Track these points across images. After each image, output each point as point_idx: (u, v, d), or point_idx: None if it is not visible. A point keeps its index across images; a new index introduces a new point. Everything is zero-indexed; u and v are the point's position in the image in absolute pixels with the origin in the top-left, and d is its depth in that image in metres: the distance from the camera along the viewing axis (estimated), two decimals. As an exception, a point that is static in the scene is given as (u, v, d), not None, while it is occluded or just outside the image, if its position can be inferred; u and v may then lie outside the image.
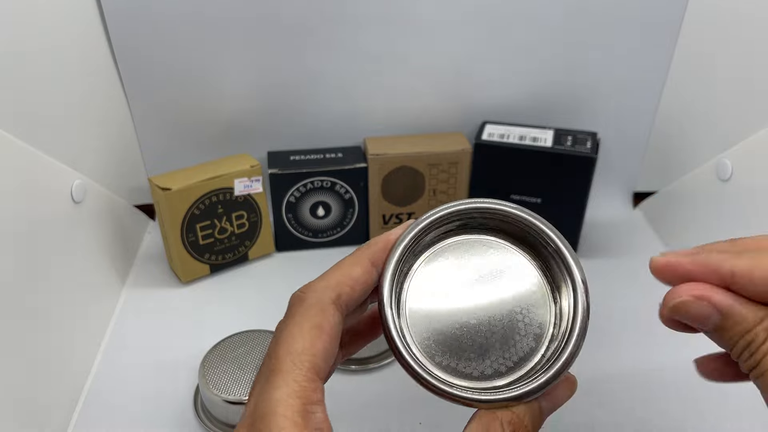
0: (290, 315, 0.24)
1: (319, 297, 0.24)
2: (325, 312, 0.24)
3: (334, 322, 0.24)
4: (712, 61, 0.54)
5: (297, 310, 0.24)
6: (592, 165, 0.52)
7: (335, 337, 0.24)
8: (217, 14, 0.52)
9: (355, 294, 0.25)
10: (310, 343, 0.23)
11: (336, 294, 0.25)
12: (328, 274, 0.26)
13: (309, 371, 0.22)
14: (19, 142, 0.40)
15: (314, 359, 0.23)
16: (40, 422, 0.38)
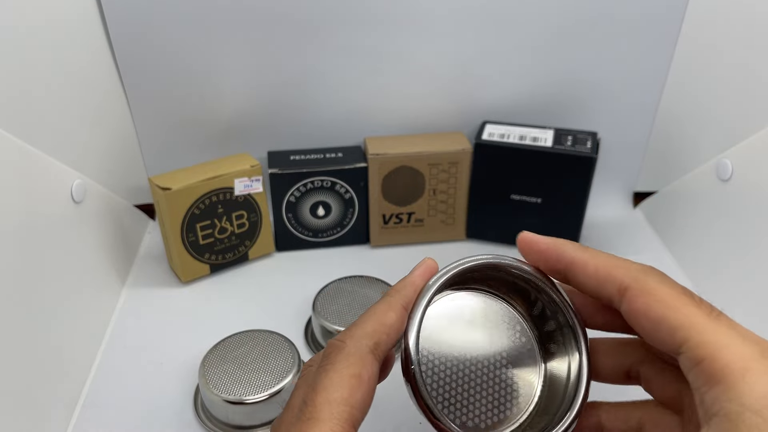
0: (330, 362, 0.24)
1: (358, 345, 0.24)
2: (365, 361, 0.24)
3: (373, 372, 0.24)
4: (712, 61, 0.54)
5: (336, 358, 0.24)
6: (593, 165, 0.52)
7: (373, 388, 0.24)
8: (218, 14, 0.52)
9: (391, 341, 0.26)
10: (349, 393, 0.23)
11: (374, 342, 0.25)
12: (364, 321, 0.25)
13: (346, 422, 0.22)
14: (19, 141, 0.40)
15: (352, 410, 0.23)
16: (40, 422, 0.38)
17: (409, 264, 0.58)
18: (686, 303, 0.22)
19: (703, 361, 0.20)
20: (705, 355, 0.20)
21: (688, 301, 0.22)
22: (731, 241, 0.50)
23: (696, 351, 0.21)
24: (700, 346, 0.21)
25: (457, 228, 0.59)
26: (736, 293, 0.48)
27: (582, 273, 0.25)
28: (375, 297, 0.47)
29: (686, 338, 0.21)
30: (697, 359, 0.20)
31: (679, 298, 0.22)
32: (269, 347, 0.42)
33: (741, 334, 0.21)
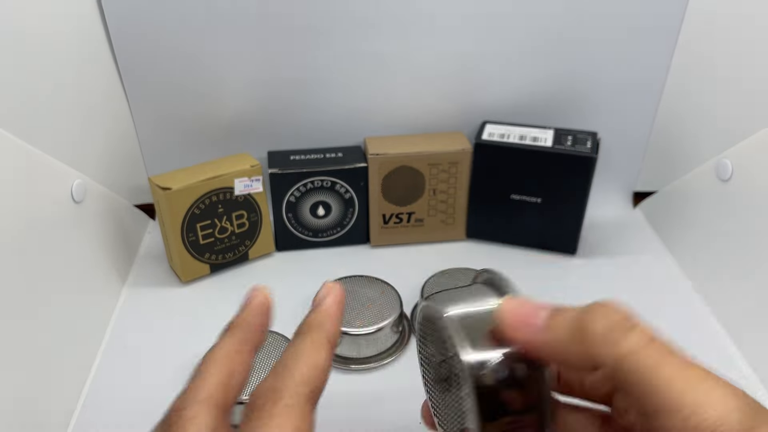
0: (266, 416, 0.21)
1: (296, 395, 0.22)
2: (304, 413, 0.22)
3: (311, 422, 0.22)
4: (712, 61, 0.54)
5: (274, 412, 0.21)
6: (592, 165, 0.52)
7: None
8: (218, 15, 0.52)
9: (325, 385, 0.23)
10: None
11: (310, 389, 0.22)
12: (294, 366, 0.23)
13: None
14: (19, 141, 0.40)
15: None
16: (40, 422, 0.38)
17: (409, 264, 0.59)
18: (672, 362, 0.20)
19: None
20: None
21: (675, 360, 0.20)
22: (731, 241, 0.50)
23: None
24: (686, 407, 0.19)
25: (457, 228, 0.59)
26: (736, 293, 0.48)
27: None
28: (375, 297, 0.47)
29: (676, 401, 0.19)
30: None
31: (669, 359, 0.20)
32: (269, 347, 0.42)
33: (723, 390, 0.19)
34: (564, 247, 0.57)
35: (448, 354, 0.26)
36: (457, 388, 0.25)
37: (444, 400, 0.27)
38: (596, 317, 0.21)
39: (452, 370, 0.26)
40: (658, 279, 0.55)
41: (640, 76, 0.58)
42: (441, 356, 0.27)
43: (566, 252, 0.58)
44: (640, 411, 0.20)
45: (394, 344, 0.47)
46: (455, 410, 0.26)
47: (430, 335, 0.28)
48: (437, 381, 0.28)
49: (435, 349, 0.28)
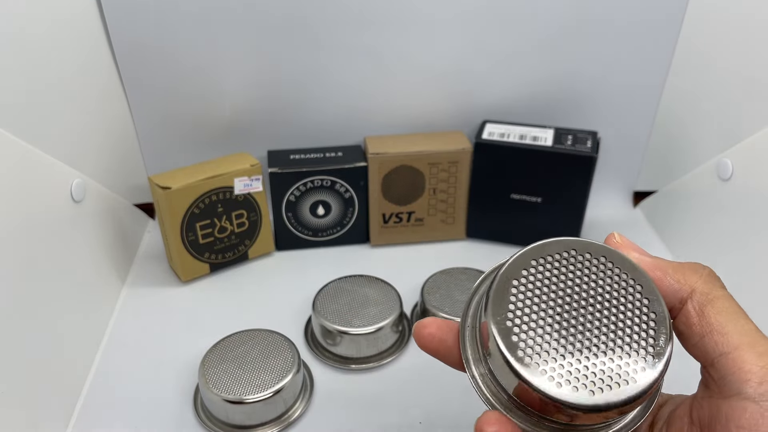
0: None
1: None
2: None
3: None
4: (712, 60, 0.54)
5: None
6: (593, 164, 0.52)
7: None
8: (218, 14, 0.52)
9: None
10: None
11: None
12: None
13: None
14: (18, 140, 0.40)
15: None
16: (40, 421, 0.38)
17: (409, 263, 0.59)
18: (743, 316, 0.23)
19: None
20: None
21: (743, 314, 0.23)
22: (731, 241, 0.50)
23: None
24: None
25: (457, 227, 0.59)
26: (735, 293, 0.48)
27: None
28: (375, 296, 0.47)
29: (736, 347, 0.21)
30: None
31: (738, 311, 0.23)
32: (269, 346, 0.42)
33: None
34: (564, 246, 0.57)
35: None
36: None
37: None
38: (695, 264, 0.24)
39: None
40: (658, 278, 0.55)
41: (640, 76, 0.58)
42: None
43: (566, 251, 0.58)
44: (713, 347, 0.22)
45: (394, 344, 0.47)
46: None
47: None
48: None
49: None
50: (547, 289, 0.23)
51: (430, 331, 0.26)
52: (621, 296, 0.23)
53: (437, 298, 0.48)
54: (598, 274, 0.23)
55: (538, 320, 0.23)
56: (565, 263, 0.24)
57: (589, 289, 0.23)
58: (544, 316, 0.23)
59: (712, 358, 0.22)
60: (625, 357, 0.22)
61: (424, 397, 0.43)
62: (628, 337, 0.22)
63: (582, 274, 0.23)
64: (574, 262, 0.24)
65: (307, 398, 0.43)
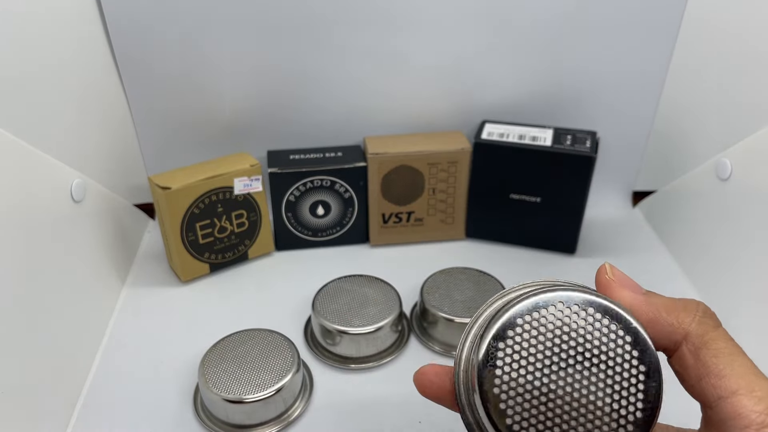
0: None
1: None
2: None
3: None
4: (711, 60, 0.54)
5: None
6: (592, 164, 0.52)
7: None
8: (217, 14, 0.52)
9: None
10: None
11: None
12: None
13: None
14: (18, 141, 0.40)
15: None
16: (40, 421, 0.38)
17: (409, 263, 0.59)
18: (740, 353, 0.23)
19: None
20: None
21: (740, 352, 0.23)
22: (730, 240, 0.50)
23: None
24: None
25: (456, 227, 0.59)
26: (735, 292, 0.49)
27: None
28: (374, 296, 0.47)
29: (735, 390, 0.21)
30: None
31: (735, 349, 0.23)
32: (269, 346, 0.42)
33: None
34: (563, 246, 0.58)
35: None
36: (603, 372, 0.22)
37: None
38: (689, 302, 0.24)
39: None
40: (657, 278, 0.55)
41: (639, 76, 0.58)
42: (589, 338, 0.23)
43: (565, 251, 0.58)
44: (711, 391, 0.22)
45: (393, 343, 0.47)
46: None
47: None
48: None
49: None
50: (541, 346, 0.22)
51: (429, 378, 0.26)
52: (612, 356, 0.22)
53: (436, 297, 0.48)
54: (593, 333, 0.23)
55: (527, 382, 0.22)
56: (561, 318, 0.23)
57: (583, 350, 0.22)
58: (533, 378, 0.22)
59: (711, 402, 0.22)
60: (611, 424, 0.22)
61: (423, 396, 0.43)
62: (617, 403, 0.22)
63: (576, 334, 0.22)
64: (570, 320, 0.23)
65: (307, 398, 0.43)
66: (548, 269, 0.56)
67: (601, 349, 0.22)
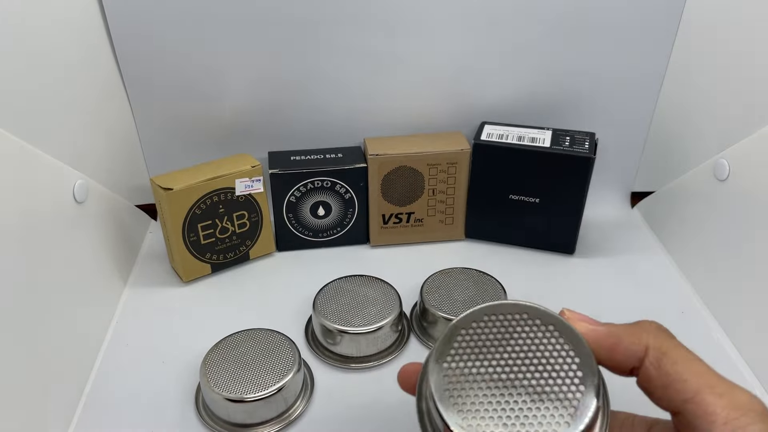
0: None
1: None
2: None
3: None
4: (709, 61, 0.55)
5: None
6: (590, 165, 0.53)
7: None
8: (219, 15, 0.53)
9: None
10: None
11: None
12: None
13: None
14: (21, 142, 0.40)
15: None
16: (42, 421, 0.38)
17: (409, 264, 0.59)
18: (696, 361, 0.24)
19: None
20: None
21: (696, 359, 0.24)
22: (728, 241, 0.50)
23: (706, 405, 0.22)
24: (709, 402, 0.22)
25: (456, 228, 0.60)
26: (733, 292, 0.49)
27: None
28: (375, 297, 0.48)
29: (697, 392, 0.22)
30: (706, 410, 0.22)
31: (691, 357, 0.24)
32: (270, 346, 0.43)
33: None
34: (562, 246, 0.58)
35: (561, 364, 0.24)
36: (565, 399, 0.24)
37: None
38: (643, 322, 0.26)
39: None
40: (655, 278, 0.55)
41: (637, 77, 0.58)
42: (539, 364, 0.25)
43: (564, 252, 0.58)
44: (676, 395, 0.23)
45: (393, 343, 0.47)
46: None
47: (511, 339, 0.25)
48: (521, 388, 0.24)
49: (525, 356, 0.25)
50: (489, 343, 0.25)
51: (406, 369, 0.29)
52: (552, 357, 0.24)
53: (436, 298, 0.48)
54: (537, 336, 0.25)
55: (473, 370, 0.24)
56: (512, 323, 0.25)
57: (526, 349, 0.25)
58: (480, 368, 0.24)
59: (677, 406, 0.23)
60: (549, 413, 0.23)
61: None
62: (554, 395, 0.23)
63: (522, 336, 0.25)
64: (521, 324, 0.25)
65: (308, 397, 0.43)
66: (547, 269, 0.56)
67: (545, 355, 0.24)
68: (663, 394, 0.24)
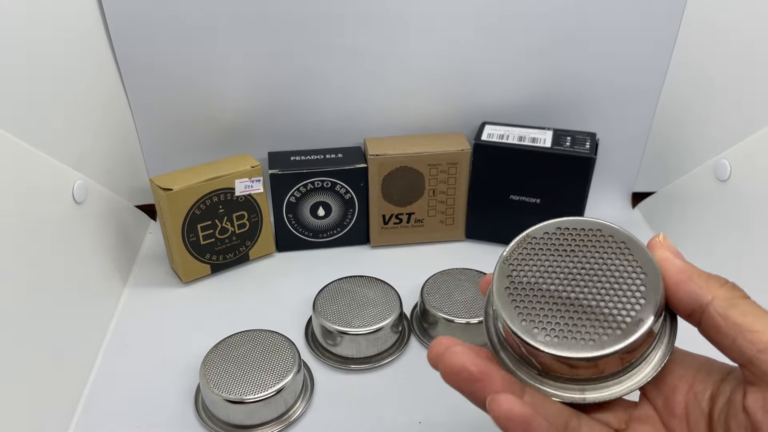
0: None
1: None
2: None
3: None
4: (710, 61, 0.54)
5: None
6: (591, 165, 0.52)
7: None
8: (219, 16, 0.53)
9: None
10: None
11: None
12: None
13: None
14: (20, 142, 0.40)
15: None
16: (41, 421, 0.38)
17: (409, 264, 0.59)
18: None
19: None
20: None
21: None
22: (730, 241, 0.50)
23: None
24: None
25: (456, 228, 0.60)
26: (734, 293, 0.49)
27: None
28: (375, 297, 0.47)
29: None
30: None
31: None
32: (270, 347, 0.43)
33: None
34: (563, 247, 0.58)
35: (625, 279, 0.25)
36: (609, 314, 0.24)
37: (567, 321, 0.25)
38: (719, 276, 0.26)
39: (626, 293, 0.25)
40: (656, 279, 0.55)
41: (638, 77, 0.58)
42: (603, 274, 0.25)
43: (565, 252, 0.58)
44: (748, 346, 0.23)
45: (394, 344, 0.47)
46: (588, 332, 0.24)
47: (577, 248, 0.26)
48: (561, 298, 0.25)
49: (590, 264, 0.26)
50: (557, 253, 0.26)
51: (487, 277, 0.28)
52: (618, 272, 0.25)
53: (437, 298, 0.48)
54: (606, 251, 0.26)
55: (537, 276, 0.25)
56: (583, 237, 0.26)
57: (593, 261, 0.25)
58: (544, 275, 0.25)
59: (750, 357, 0.23)
60: (604, 323, 0.24)
61: (424, 397, 0.43)
62: (615, 307, 0.24)
63: (591, 249, 0.26)
64: (591, 240, 0.26)
65: (308, 398, 0.43)
66: (548, 270, 0.56)
67: (610, 267, 0.25)
68: (732, 344, 0.23)
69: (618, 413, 0.27)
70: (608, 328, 0.24)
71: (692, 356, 0.27)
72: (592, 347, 0.23)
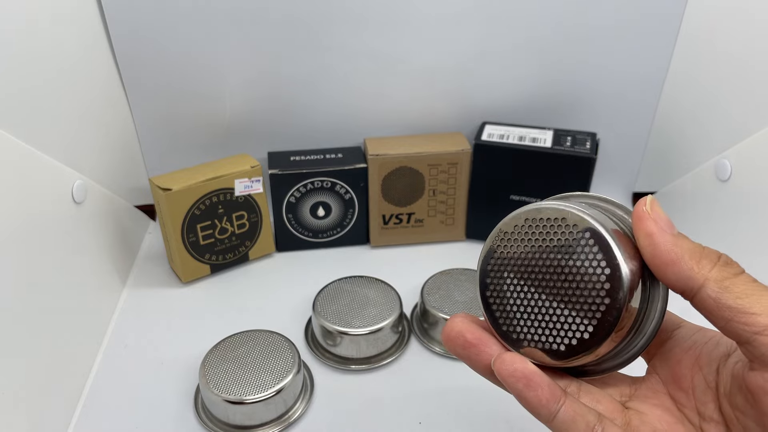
0: None
1: None
2: None
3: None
4: (711, 61, 0.54)
5: None
6: (592, 165, 0.52)
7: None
8: (219, 15, 0.52)
9: None
10: None
11: None
12: None
13: None
14: (20, 142, 0.40)
15: None
16: (41, 422, 0.38)
17: (409, 264, 0.59)
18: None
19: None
20: None
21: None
22: (730, 241, 0.50)
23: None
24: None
25: (456, 228, 0.60)
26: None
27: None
28: (375, 297, 0.47)
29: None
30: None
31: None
32: (269, 347, 0.43)
33: None
34: (563, 247, 0.58)
35: (590, 261, 0.24)
36: (588, 297, 0.24)
37: (545, 309, 0.25)
38: (712, 252, 0.25)
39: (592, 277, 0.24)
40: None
41: (639, 77, 0.58)
42: (572, 261, 0.25)
43: (566, 252, 0.58)
44: (744, 329, 0.22)
45: (394, 344, 0.47)
46: (568, 317, 0.25)
47: (546, 238, 0.26)
48: (539, 288, 0.25)
49: (558, 254, 0.25)
50: (526, 245, 0.26)
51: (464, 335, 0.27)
52: (584, 266, 0.24)
53: (437, 298, 0.48)
54: (571, 242, 0.25)
55: (512, 268, 0.27)
56: (546, 230, 0.26)
57: (560, 257, 0.25)
58: (518, 266, 0.26)
59: (746, 338, 0.22)
60: (572, 319, 0.24)
61: (424, 397, 0.43)
62: (579, 302, 0.24)
63: (556, 241, 0.25)
64: (557, 230, 0.26)
65: (308, 398, 0.43)
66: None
67: (569, 251, 0.25)
68: (727, 326, 0.23)
69: (621, 388, 0.27)
70: (576, 331, 0.24)
71: (700, 330, 0.27)
72: (564, 354, 0.25)
